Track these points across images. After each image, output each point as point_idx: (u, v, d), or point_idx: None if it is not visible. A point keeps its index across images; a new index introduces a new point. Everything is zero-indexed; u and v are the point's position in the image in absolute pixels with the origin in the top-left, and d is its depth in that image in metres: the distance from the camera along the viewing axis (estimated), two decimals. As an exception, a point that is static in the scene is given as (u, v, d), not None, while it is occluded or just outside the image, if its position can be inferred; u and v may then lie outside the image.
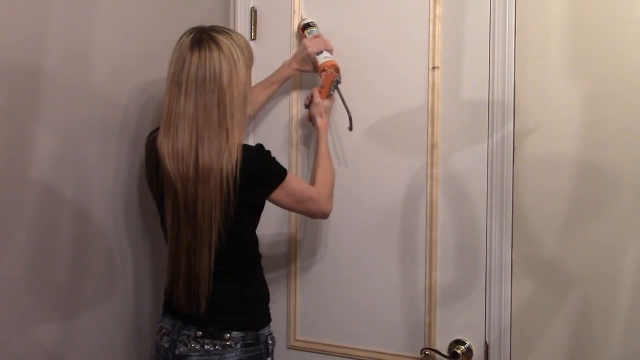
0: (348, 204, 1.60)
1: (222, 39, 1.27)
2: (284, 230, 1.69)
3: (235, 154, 1.25)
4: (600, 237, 1.37)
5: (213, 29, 1.29)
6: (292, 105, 1.69)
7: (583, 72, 1.38)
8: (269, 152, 1.34)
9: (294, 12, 1.68)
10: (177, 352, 1.33)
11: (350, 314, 1.62)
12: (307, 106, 1.56)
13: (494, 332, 1.46)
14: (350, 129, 1.53)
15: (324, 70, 1.53)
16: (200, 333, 1.32)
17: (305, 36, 1.60)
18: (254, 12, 1.74)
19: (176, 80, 1.25)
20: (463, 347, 1.48)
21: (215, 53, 1.25)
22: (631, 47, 1.34)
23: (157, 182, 1.31)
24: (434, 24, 1.51)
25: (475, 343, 1.48)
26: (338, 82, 1.53)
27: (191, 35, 1.28)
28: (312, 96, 1.54)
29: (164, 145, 1.25)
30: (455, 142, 1.50)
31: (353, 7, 1.62)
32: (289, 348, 1.69)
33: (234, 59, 1.27)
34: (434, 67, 1.52)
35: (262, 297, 1.42)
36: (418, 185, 1.54)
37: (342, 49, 1.62)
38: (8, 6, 1.13)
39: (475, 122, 1.47)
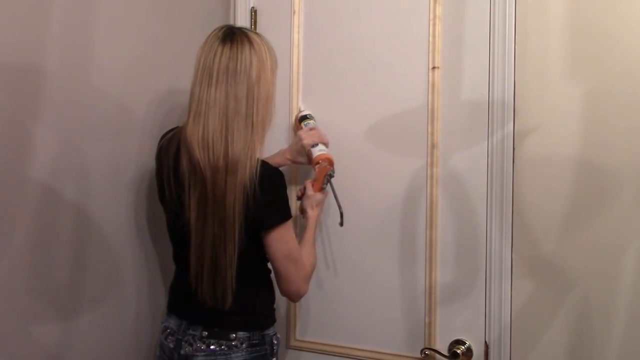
0: (348, 204, 1.60)
1: (253, 36, 1.30)
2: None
3: (258, 152, 1.26)
4: (601, 236, 1.37)
5: (243, 28, 1.33)
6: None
7: (583, 72, 1.38)
8: (286, 187, 1.33)
9: (294, 12, 1.68)
10: (182, 352, 1.33)
11: (350, 314, 1.62)
12: (300, 198, 1.55)
13: (494, 332, 1.46)
14: (341, 224, 1.51)
15: (317, 163, 1.51)
16: (206, 333, 1.32)
17: (301, 128, 1.59)
18: (254, 12, 1.74)
19: (207, 71, 1.26)
20: (463, 347, 1.48)
21: (247, 47, 1.27)
22: (631, 46, 1.34)
23: (175, 177, 1.30)
24: (434, 24, 1.51)
25: (475, 343, 1.48)
26: (331, 175, 1.51)
27: (223, 29, 1.30)
28: (304, 188, 1.52)
29: (194, 135, 1.25)
30: (455, 142, 1.50)
31: (353, 7, 1.62)
32: (289, 348, 1.69)
33: (263, 57, 1.28)
34: (434, 67, 1.52)
35: (269, 298, 1.41)
36: (418, 186, 1.54)
37: (342, 48, 1.63)
38: (8, 6, 1.13)
39: (475, 122, 1.47)
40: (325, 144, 1.55)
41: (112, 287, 1.43)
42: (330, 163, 1.52)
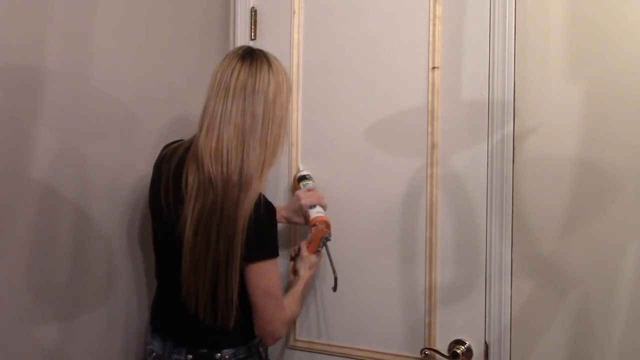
0: (348, 204, 1.61)
1: (272, 59, 1.31)
2: (284, 230, 1.69)
3: (266, 175, 1.26)
4: (601, 236, 1.37)
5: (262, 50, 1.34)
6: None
7: (583, 72, 1.38)
8: (277, 225, 1.33)
9: (294, 12, 1.68)
10: None
11: (350, 314, 1.62)
12: (293, 258, 1.53)
13: (494, 332, 1.46)
14: (335, 289, 1.49)
15: (314, 225, 1.49)
16: (191, 356, 1.29)
17: (299, 187, 1.58)
18: (254, 12, 1.74)
19: (223, 86, 1.25)
20: (463, 347, 1.48)
21: (266, 67, 1.27)
22: (631, 46, 1.34)
23: (175, 189, 1.27)
24: (434, 24, 1.51)
25: (475, 343, 1.48)
26: (327, 239, 1.50)
27: (243, 48, 1.32)
28: (299, 249, 1.51)
29: (206, 147, 1.23)
30: (455, 142, 1.50)
31: (353, 7, 1.62)
32: (289, 348, 1.69)
33: (280, 80, 1.29)
34: (434, 67, 1.52)
35: (250, 312, 1.34)
36: (418, 185, 1.54)
37: (342, 48, 1.63)
38: (8, 6, 1.13)
39: (475, 122, 1.47)
40: (323, 207, 1.54)
41: (110, 287, 1.43)
42: (327, 226, 1.50)
